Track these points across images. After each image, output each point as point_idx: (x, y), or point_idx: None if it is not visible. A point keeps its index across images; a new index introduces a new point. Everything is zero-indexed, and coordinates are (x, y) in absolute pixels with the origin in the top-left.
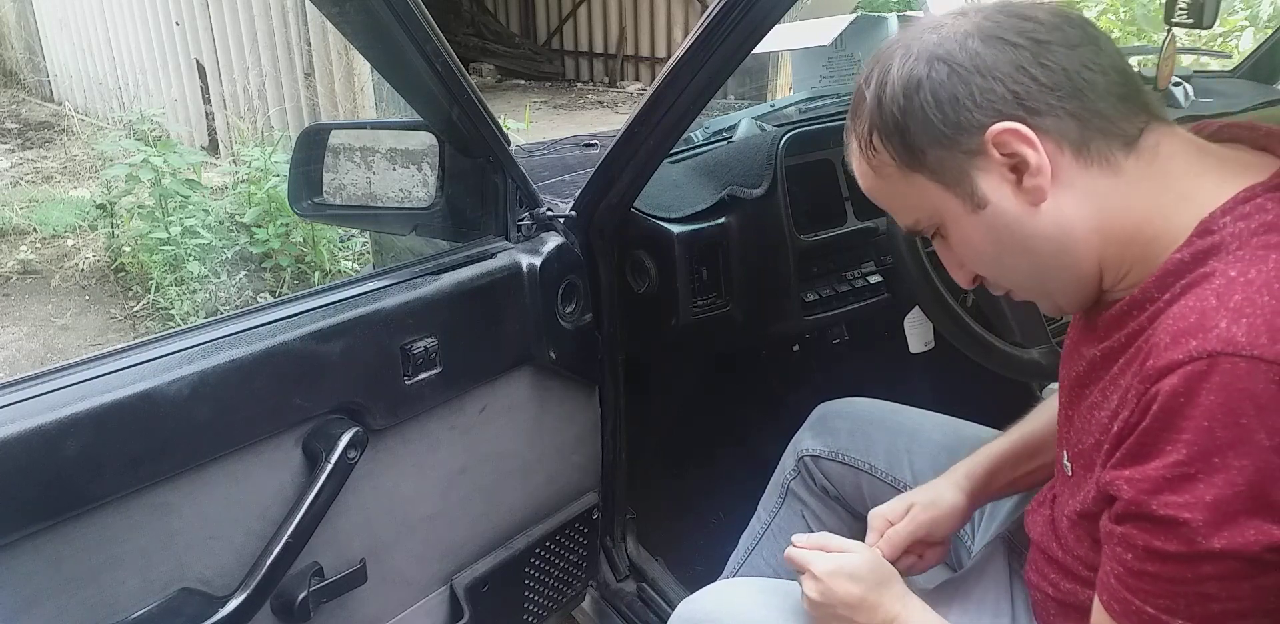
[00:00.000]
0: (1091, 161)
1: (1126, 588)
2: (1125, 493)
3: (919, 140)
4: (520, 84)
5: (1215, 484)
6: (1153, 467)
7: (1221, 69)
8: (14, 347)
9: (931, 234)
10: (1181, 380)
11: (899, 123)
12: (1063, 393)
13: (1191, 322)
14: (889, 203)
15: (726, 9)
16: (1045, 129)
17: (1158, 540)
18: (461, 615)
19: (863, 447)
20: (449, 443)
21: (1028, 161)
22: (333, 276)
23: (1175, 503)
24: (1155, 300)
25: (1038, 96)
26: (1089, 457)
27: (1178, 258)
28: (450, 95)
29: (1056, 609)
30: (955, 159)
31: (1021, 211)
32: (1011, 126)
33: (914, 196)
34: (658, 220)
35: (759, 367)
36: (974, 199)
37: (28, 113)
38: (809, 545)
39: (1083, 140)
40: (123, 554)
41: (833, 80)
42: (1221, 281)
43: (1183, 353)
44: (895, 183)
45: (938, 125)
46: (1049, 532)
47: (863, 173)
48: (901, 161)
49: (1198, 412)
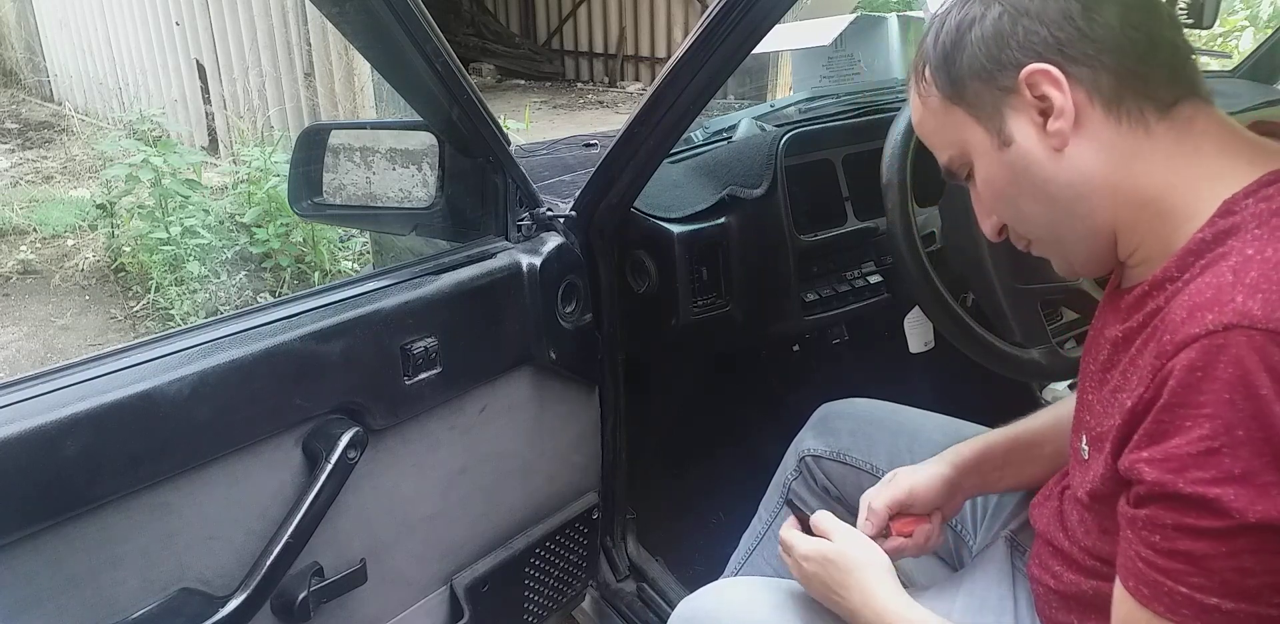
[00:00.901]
0: (1121, 118)
1: (1156, 570)
2: (1148, 475)
3: (962, 73)
4: (520, 84)
5: (1241, 456)
6: (1174, 444)
7: (1221, 69)
8: (14, 346)
9: (965, 176)
10: (1199, 354)
11: (948, 55)
12: (1085, 378)
13: (1208, 297)
14: (931, 136)
15: (726, 9)
16: (1079, 77)
17: (1189, 518)
18: (461, 615)
19: (864, 447)
20: (449, 443)
21: (1054, 104)
22: (333, 276)
23: (1203, 479)
24: (1175, 280)
25: (1078, 45)
26: (1105, 438)
27: (1200, 237)
28: (450, 95)
29: (1059, 602)
30: (991, 94)
31: (1043, 155)
32: (1043, 68)
33: (952, 130)
34: (658, 220)
35: (759, 367)
36: (1001, 136)
37: (28, 113)
38: (796, 525)
39: (1116, 96)
40: (123, 554)
41: (833, 80)
42: (1238, 259)
43: (1199, 327)
44: (938, 115)
45: (981, 59)
46: (1055, 522)
47: (914, 105)
48: (944, 94)
49: (1217, 385)
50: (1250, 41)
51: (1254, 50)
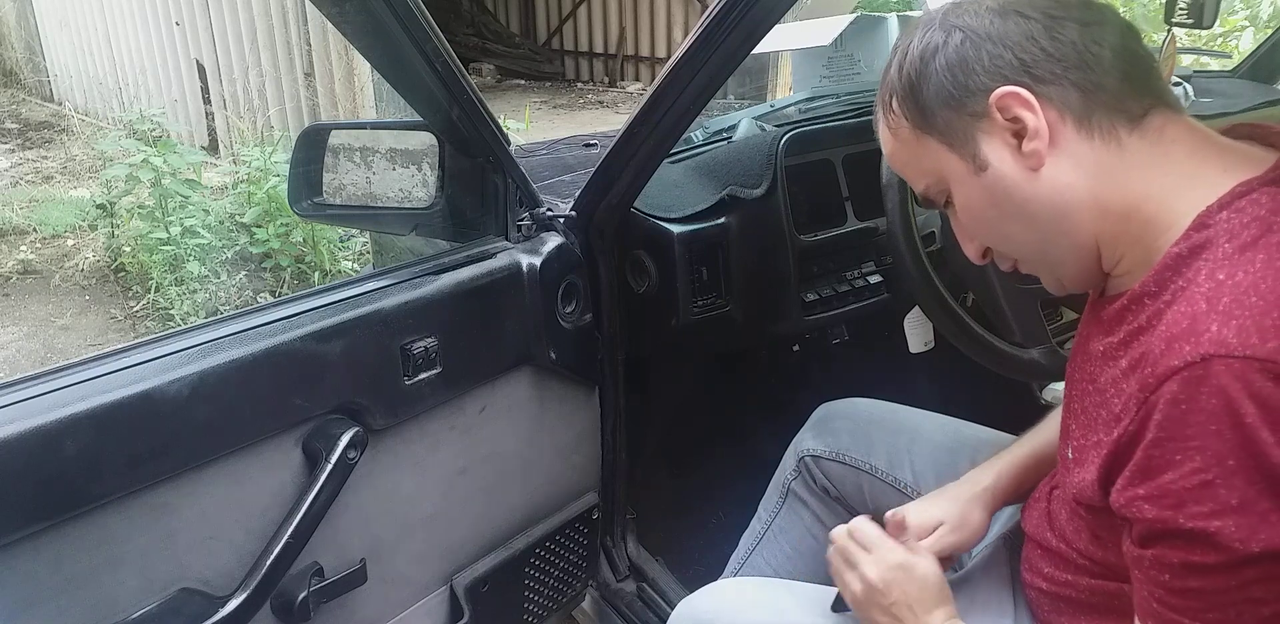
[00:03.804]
0: (1093, 133)
1: (1171, 609)
2: (1147, 512)
3: (931, 102)
4: (520, 84)
5: (1236, 486)
6: (1168, 479)
7: (1221, 69)
8: (14, 346)
9: (944, 204)
10: (1180, 386)
11: (914, 85)
12: (1071, 384)
13: (1184, 327)
14: (904, 167)
15: (726, 9)
16: (1048, 96)
17: (1195, 555)
18: (461, 615)
19: (864, 447)
20: (449, 443)
21: (1027, 126)
22: (333, 276)
23: (1202, 513)
24: (1155, 297)
25: (1044, 65)
26: (1088, 451)
27: (1175, 251)
28: (450, 95)
29: (1050, 604)
30: (962, 121)
31: (1020, 176)
32: (1013, 90)
33: (926, 159)
34: (658, 220)
35: (759, 367)
36: (976, 161)
37: (28, 113)
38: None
39: (1085, 111)
40: (123, 554)
41: (833, 80)
42: (1210, 286)
43: (1178, 359)
44: (910, 146)
45: (948, 87)
46: (1044, 523)
47: (885, 138)
48: (914, 123)
49: (1202, 416)
50: (1250, 41)
51: (1254, 50)
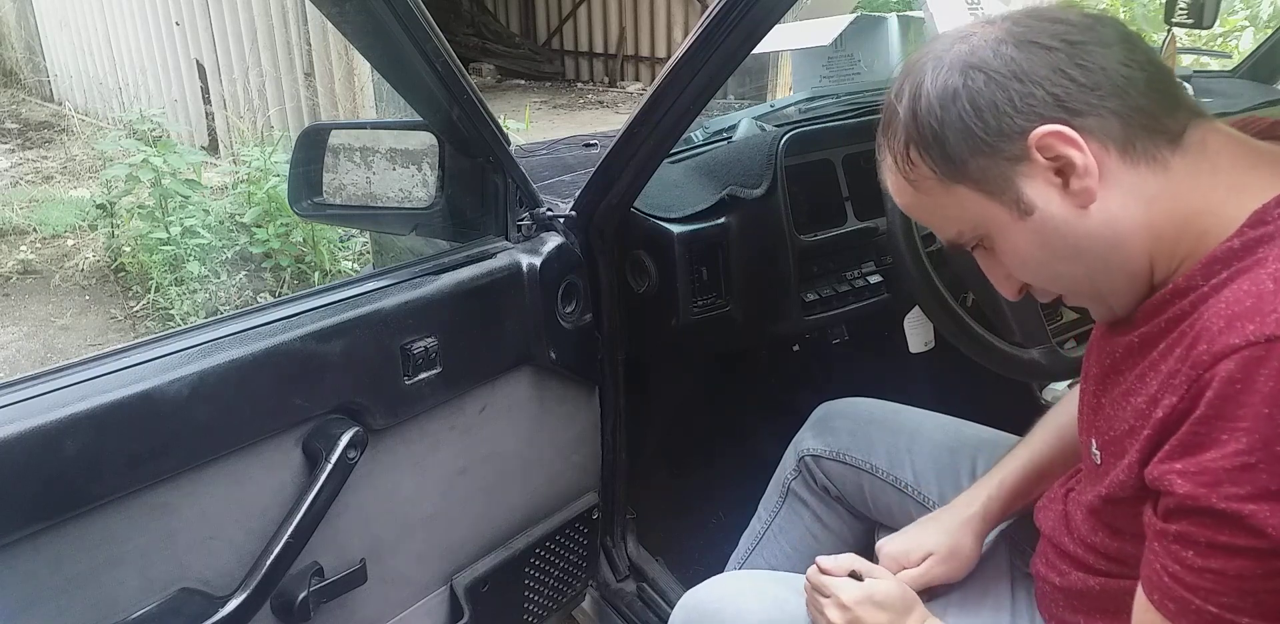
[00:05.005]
0: (1138, 160)
1: (1185, 586)
2: (1180, 487)
3: (959, 151)
4: (520, 84)
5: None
6: (1209, 457)
7: (1221, 69)
8: (14, 346)
9: (973, 247)
10: (1238, 366)
11: (937, 134)
12: (1090, 382)
13: (1248, 306)
14: (929, 217)
15: (726, 9)
16: (1089, 129)
17: (1223, 536)
18: (461, 615)
19: (864, 447)
20: (449, 443)
21: (1073, 163)
22: (333, 276)
23: (1238, 495)
24: (1199, 287)
25: (1078, 97)
26: (1121, 444)
27: (1228, 246)
28: (450, 95)
29: (1064, 599)
30: (998, 167)
31: (1070, 214)
32: (1055, 129)
33: (956, 208)
34: (658, 220)
35: (759, 367)
36: (1020, 206)
37: (28, 113)
38: (835, 569)
39: (1127, 138)
40: (123, 554)
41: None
42: (1278, 267)
43: (1239, 337)
44: (936, 196)
45: (978, 134)
46: (1061, 525)
47: (899, 188)
48: (942, 173)
49: (1256, 398)
50: (1250, 41)
51: (1254, 50)
